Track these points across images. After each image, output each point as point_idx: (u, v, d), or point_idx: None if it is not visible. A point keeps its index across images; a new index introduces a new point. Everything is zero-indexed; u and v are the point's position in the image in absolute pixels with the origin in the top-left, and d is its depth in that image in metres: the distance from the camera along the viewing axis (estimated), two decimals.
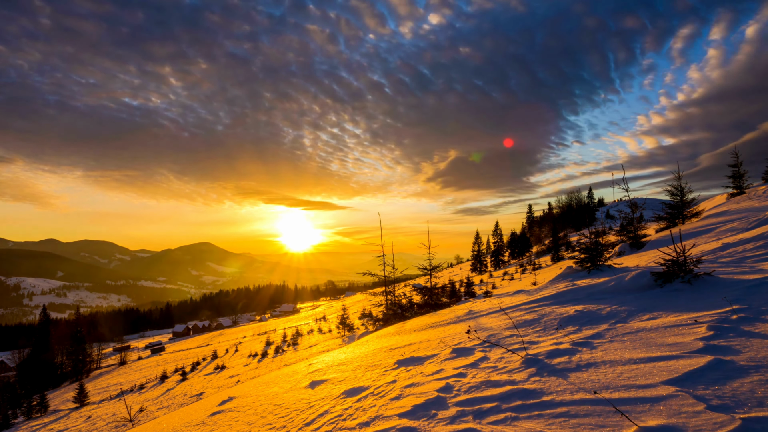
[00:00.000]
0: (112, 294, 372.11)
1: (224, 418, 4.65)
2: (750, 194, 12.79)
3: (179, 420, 5.94)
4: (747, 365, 2.19)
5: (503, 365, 3.16)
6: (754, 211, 9.69)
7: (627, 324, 3.52)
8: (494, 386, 2.75)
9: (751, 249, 5.59)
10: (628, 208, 13.12)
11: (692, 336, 2.79)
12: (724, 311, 3.19)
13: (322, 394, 3.94)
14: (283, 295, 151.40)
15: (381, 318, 13.37)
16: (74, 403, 21.87)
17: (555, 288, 6.34)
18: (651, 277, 4.78)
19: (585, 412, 2.05)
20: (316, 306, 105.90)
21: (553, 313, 4.56)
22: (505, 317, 5.10)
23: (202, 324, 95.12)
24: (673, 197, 12.64)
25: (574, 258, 8.25)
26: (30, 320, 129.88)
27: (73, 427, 15.27)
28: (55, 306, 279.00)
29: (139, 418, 13.81)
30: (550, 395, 2.37)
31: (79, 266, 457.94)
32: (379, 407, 2.96)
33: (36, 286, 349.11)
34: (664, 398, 1.99)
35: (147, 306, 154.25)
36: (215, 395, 8.40)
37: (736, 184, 13.91)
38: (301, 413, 3.55)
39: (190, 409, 7.16)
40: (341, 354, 6.65)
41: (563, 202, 59.89)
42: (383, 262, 13.56)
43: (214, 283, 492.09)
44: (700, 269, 4.65)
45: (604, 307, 4.26)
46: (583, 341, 3.28)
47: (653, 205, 38.86)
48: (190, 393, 16.37)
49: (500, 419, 2.25)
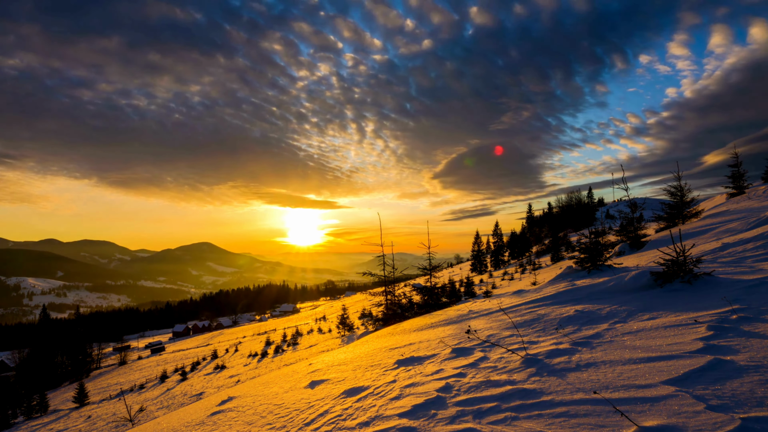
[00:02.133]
0: (112, 294, 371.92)
1: (224, 418, 4.64)
2: (750, 194, 12.80)
3: (179, 420, 5.94)
4: (747, 365, 2.19)
5: (503, 365, 3.16)
6: (754, 211, 9.69)
7: (627, 324, 3.52)
8: (494, 386, 2.75)
9: (750, 249, 5.59)
10: (627, 208, 13.13)
11: (692, 336, 2.79)
12: (723, 311, 3.19)
13: (322, 394, 3.94)
14: (283, 295, 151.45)
15: (381, 318, 13.37)
16: (74, 403, 21.87)
17: (555, 288, 6.34)
18: (651, 277, 4.78)
19: (585, 412, 2.05)
20: (316, 306, 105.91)
21: (553, 313, 4.56)
22: (505, 317, 5.10)
23: (202, 324, 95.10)
24: (673, 197, 12.64)
25: (574, 258, 8.25)
26: (30, 320, 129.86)
27: (73, 427, 15.27)
28: (55, 306, 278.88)
29: (139, 418, 13.81)
30: (550, 395, 2.37)
31: (79, 266, 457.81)
32: (379, 407, 2.97)
33: (36, 286, 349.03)
34: (663, 398, 1.99)
35: (147, 306, 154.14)
36: (215, 395, 8.40)
37: (735, 184, 13.92)
38: (301, 413, 3.55)
39: (190, 409, 7.16)
40: (341, 354, 6.65)
41: (563, 201, 59.90)
42: (383, 262, 13.56)
43: (214, 283, 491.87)
44: (700, 269, 4.65)
45: (604, 307, 4.26)
46: (582, 341, 3.28)
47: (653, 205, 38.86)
48: (190, 393, 16.37)
49: (500, 419, 2.25)
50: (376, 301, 14.16)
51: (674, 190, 12.59)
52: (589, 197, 59.93)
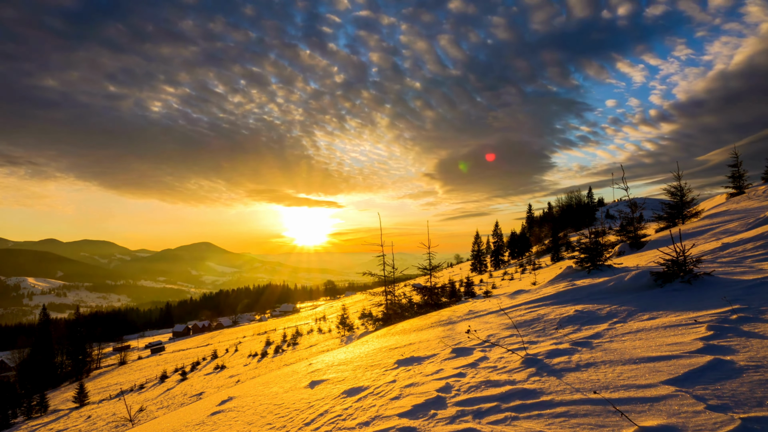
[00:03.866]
0: (112, 294, 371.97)
1: (224, 417, 4.64)
2: (750, 194, 12.79)
3: (179, 420, 5.94)
4: (746, 365, 2.19)
5: (503, 365, 3.16)
6: (754, 211, 9.68)
7: (627, 324, 3.52)
8: (494, 386, 2.75)
9: (750, 249, 5.59)
10: (627, 208, 13.12)
11: (692, 336, 2.79)
12: (723, 311, 3.19)
13: (322, 393, 3.94)
14: (283, 294, 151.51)
15: (381, 318, 13.37)
16: (74, 403, 21.87)
17: (555, 288, 6.34)
18: (651, 276, 4.78)
19: (585, 411, 2.05)
20: (316, 306, 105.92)
21: (553, 313, 4.56)
22: (505, 317, 5.10)
23: (202, 324, 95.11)
24: (673, 197, 12.64)
25: (574, 258, 8.25)
26: (30, 320, 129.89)
27: (73, 427, 15.27)
28: (55, 306, 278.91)
29: (139, 418, 13.80)
30: (550, 395, 2.37)
31: (79, 266, 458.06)
32: (378, 407, 2.97)
33: (36, 286, 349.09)
34: (663, 398, 1.99)
35: (147, 306, 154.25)
36: (215, 395, 8.40)
37: (735, 184, 13.92)
38: (300, 413, 3.55)
39: (189, 409, 7.16)
40: (341, 354, 6.64)
41: (563, 201, 59.94)
42: (383, 262, 13.56)
43: (214, 283, 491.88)
44: (700, 269, 4.65)
45: (604, 306, 4.26)
46: (582, 341, 3.28)
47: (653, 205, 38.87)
48: (190, 393, 16.37)
49: (500, 419, 2.25)
50: (376, 301, 14.16)
51: (674, 190, 12.59)
52: (589, 197, 59.97)
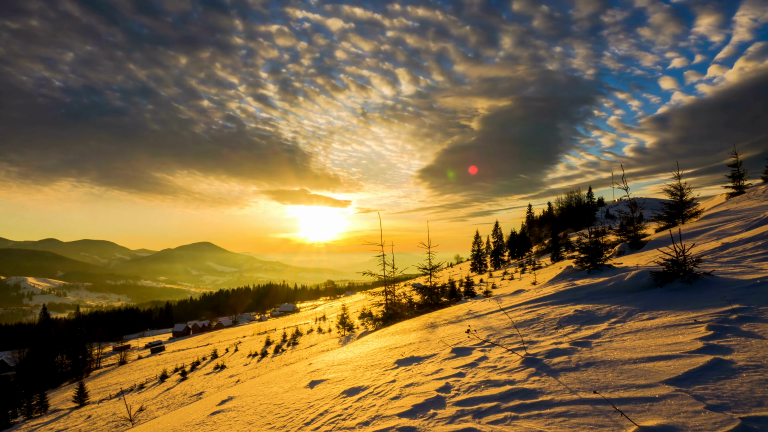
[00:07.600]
0: (112, 294, 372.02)
1: (224, 417, 4.64)
2: (749, 194, 12.78)
3: (179, 419, 5.94)
4: (746, 365, 2.19)
5: (503, 365, 3.16)
6: (754, 211, 9.68)
7: (626, 324, 3.52)
8: (494, 386, 2.75)
9: (750, 249, 5.59)
10: (627, 208, 13.12)
11: (692, 336, 2.79)
12: (723, 311, 3.19)
13: (322, 393, 3.94)
14: (283, 294, 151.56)
15: (381, 318, 13.37)
16: (74, 403, 21.88)
17: (555, 288, 6.34)
18: (650, 276, 4.78)
19: (585, 411, 2.05)
20: (316, 306, 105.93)
21: (553, 313, 4.56)
22: (505, 317, 5.10)
23: (202, 324, 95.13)
24: (673, 197, 12.64)
25: (574, 258, 8.25)
26: (30, 320, 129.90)
27: (73, 427, 15.27)
28: (55, 306, 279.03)
29: (139, 418, 13.81)
30: (550, 395, 2.37)
31: (79, 266, 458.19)
32: (378, 407, 2.97)
33: (36, 286, 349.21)
34: (663, 398, 1.99)
35: (147, 306, 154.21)
36: (215, 395, 8.40)
37: (735, 183, 13.91)
38: (300, 413, 3.55)
39: (189, 409, 7.16)
40: (341, 354, 6.64)
41: (563, 201, 59.95)
42: (383, 262, 13.56)
43: (214, 282, 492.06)
44: (700, 269, 4.65)
45: (604, 306, 4.26)
46: (582, 341, 3.28)
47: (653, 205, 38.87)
48: (190, 392, 16.37)
49: (500, 419, 2.25)
50: (376, 301, 14.16)
51: (674, 189, 12.58)
52: (589, 197, 59.98)
